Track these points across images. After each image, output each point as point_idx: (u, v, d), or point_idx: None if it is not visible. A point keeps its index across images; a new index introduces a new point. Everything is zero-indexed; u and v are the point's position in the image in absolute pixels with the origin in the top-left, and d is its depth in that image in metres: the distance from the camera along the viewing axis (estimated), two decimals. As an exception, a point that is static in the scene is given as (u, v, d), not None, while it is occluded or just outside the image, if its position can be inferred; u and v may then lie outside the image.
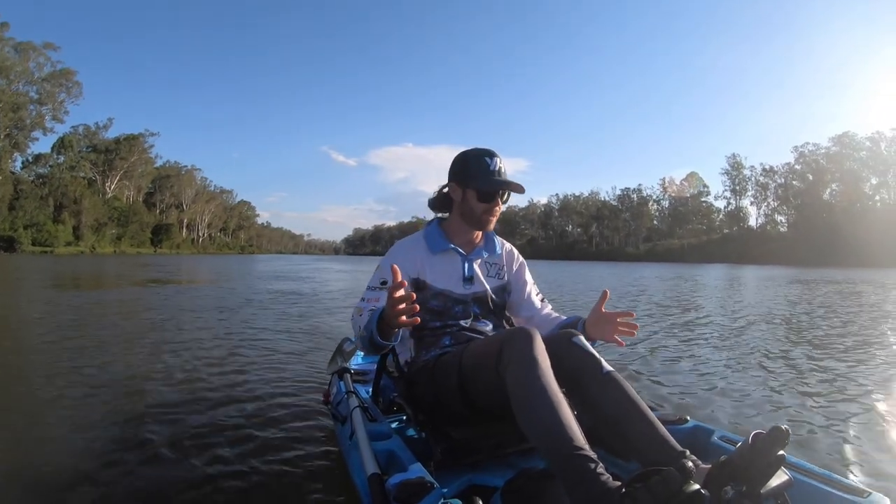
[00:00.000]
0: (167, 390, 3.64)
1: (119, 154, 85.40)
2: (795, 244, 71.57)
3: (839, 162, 78.33)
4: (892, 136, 75.23)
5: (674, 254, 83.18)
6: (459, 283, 2.03)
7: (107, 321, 7.28)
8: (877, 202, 75.80)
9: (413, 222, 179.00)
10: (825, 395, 3.76)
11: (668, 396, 3.71)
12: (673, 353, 5.39)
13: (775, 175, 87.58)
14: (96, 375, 4.06)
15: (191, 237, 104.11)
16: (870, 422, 3.16)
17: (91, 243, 71.65)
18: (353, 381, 2.39)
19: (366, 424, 1.80)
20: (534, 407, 1.43)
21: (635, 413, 1.54)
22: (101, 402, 3.36)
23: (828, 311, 9.42)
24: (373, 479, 1.44)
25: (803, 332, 6.85)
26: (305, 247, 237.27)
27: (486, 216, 2.00)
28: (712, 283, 20.59)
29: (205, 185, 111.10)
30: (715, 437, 1.73)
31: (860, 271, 33.09)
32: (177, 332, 6.29)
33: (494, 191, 1.96)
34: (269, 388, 3.70)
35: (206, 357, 4.74)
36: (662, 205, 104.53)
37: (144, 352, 5.02)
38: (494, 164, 1.95)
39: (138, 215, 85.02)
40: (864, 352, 5.42)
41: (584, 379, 1.62)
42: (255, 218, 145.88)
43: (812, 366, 4.72)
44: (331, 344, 4.88)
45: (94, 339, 5.60)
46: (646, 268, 41.39)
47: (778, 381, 4.14)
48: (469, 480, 1.74)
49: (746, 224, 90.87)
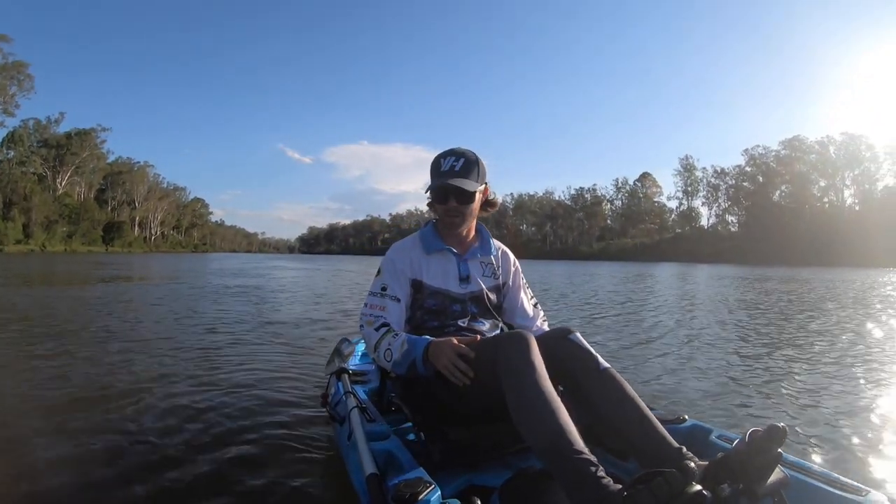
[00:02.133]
0: (159, 394, 3.54)
1: (70, 149, 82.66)
2: (746, 244, 72.97)
3: (789, 164, 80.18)
4: (840, 140, 77.42)
5: (626, 253, 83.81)
6: (456, 282, 2.05)
7: (87, 319, 7.11)
8: (825, 204, 77.87)
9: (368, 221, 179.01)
10: (801, 389, 3.89)
11: (664, 395, 3.75)
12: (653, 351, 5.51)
13: (726, 177, 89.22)
14: (89, 380, 3.94)
15: (143, 235, 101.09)
16: (861, 418, 3.26)
17: (42, 241, 69.01)
18: (352, 381, 2.38)
19: (364, 425, 1.80)
20: (531, 411, 1.44)
21: (632, 410, 1.55)
22: (98, 405, 3.28)
23: (790, 309, 9.69)
24: (371, 479, 1.45)
25: (764, 329, 7.03)
26: (260, 245, 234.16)
27: (446, 217, 2.02)
28: (666, 280, 21.20)
29: (157, 181, 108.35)
30: (713, 437, 1.74)
31: (808, 270, 34.06)
32: (148, 332, 6.20)
33: (443, 190, 1.96)
34: (266, 389, 3.68)
35: (196, 358, 4.70)
36: (616, 204, 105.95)
37: (132, 354, 4.83)
38: (446, 164, 1.96)
39: (90, 213, 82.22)
40: (829, 344, 5.66)
41: (581, 376, 1.63)
42: (208, 216, 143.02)
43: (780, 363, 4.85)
44: (322, 344, 5.29)
45: (83, 342, 5.43)
46: (600, 266, 42.41)
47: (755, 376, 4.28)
48: (467, 481, 1.75)
49: (698, 224, 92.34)
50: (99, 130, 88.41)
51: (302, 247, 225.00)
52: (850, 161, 75.25)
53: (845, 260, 51.84)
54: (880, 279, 22.36)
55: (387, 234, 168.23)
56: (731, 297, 12.51)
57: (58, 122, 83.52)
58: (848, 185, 76.83)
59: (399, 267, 2.00)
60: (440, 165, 1.96)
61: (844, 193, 77.30)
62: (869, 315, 8.82)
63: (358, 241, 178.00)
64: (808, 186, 78.38)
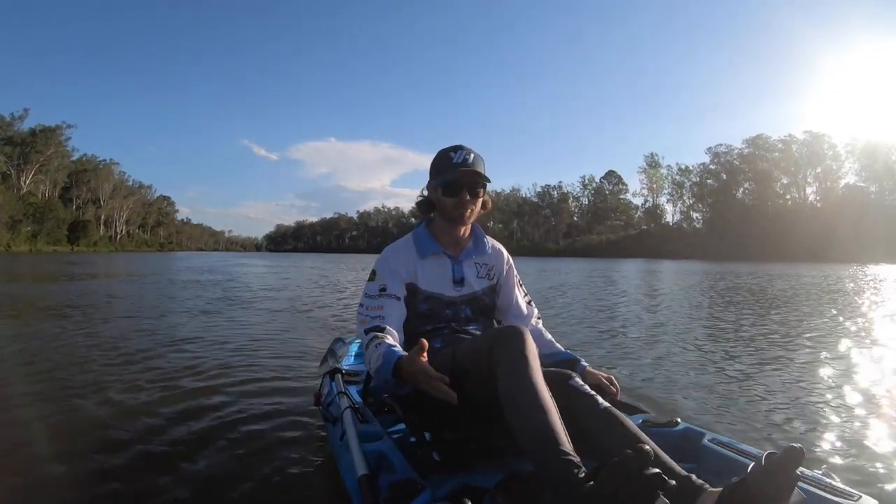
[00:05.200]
0: (152, 393, 3.52)
1: (35, 147, 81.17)
2: (710, 240, 74.07)
3: (752, 162, 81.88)
4: (803, 139, 79.40)
5: (592, 249, 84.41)
6: (450, 285, 2.04)
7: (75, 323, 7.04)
8: (787, 201, 79.59)
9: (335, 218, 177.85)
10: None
11: (656, 398, 3.72)
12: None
13: (691, 174, 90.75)
14: (81, 380, 3.88)
15: (108, 234, 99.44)
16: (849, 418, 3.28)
17: (6, 241, 67.32)
18: (345, 381, 2.37)
19: (356, 425, 1.81)
20: (522, 406, 1.45)
21: (633, 445, 1.52)
22: (93, 406, 3.24)
23: (747, 300, 9.98)
24: (363, 480, 1.45)
25: (727, 325, 7.19)
26: (227, 244, 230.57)
27: (456, 211, 1.96)
28: (632, 276, 21.81)
29: (123, 179, 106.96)
30: (706, 440, 1.74)
31: (770, 265, 35.02)
32: (129, 332, 6.10)
33: (457, 183, 1.93)
34: (259, 388, 3.66)
35: (183, 357, 4.66)
36: (582, 202, 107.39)
37: (125, 355, 4.76)
38: (459, 157, 1.93)
39: (54, 212, 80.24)
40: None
41: (581, 418, 1.61)
42: (174, 214, 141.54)
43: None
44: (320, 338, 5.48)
45: (72, 347, 5.26)
46: (569, 262, 42.84)
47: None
48: (459, 482, 1.70)
49: (663, 221, 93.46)
50: (64, 128, 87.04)
51: (269, 245, 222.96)
52: (812, 159, 77.03)
53: (808, 255, 52.68)
54: (841, 273, 23.23)
55: (354, 231, 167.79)
56: (697, 291, 12.86)
57: (22, 119, 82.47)
58: (810, 182, 78.86)
59: (395, 268, 1.97)
60: (451, 158, 1.93)
61: (807, 191, 79.30)
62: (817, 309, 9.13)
63: (325, 238, 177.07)
64: (770, 184, 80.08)
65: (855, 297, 11.51)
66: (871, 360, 4.92)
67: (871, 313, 8.60)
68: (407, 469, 1.50)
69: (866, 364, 4.71)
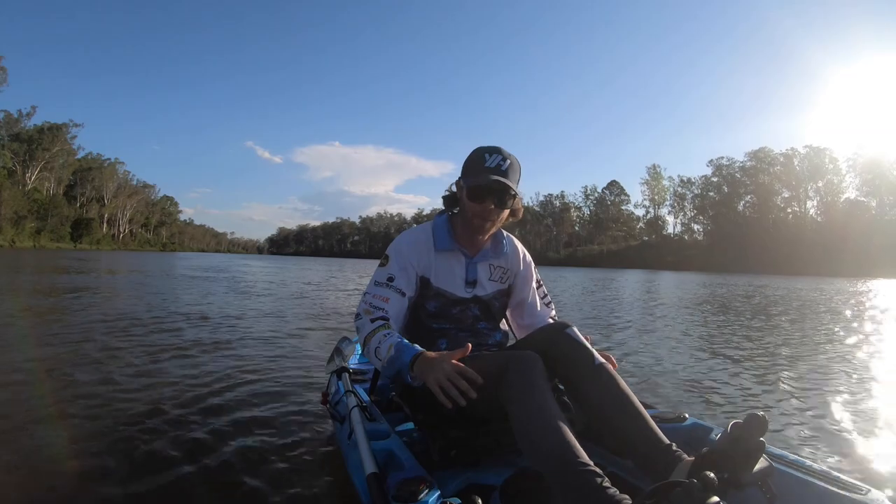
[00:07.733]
0: (159, 391, 3.48)
1: (42, 144, 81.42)
2: (710, 252, 74.24)
3: (754, 175, 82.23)
4: (805, 153, 79.51)
5: (594, 259, 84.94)
6: (461, 285, 1.97)
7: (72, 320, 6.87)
8: (789, 214, 79.78)
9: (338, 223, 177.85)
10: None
11: (664, 394, 3.83)
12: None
13: (693, 186, 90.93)
14: (84, 379, 3.78)
15: (111, 233, 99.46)
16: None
17: (10, 237, 67.36)
18: (352, 380, 2.34)
19: (364, 424, 1.77)
20: (536, 430, 1.41)
21: (624, 405, 1.55)
22: (93, 406, 3.16)
23: (746, 313, 9.72)
24: (371, 478, 1.43)
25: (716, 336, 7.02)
26: (228, 245, 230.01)
27: (476, 219, 1.86)
28: (633, 286, 21.16)
29: (127, 179, 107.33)
30: (713, 435, 1.73)
31: (771, 278, 35.24)
32: (154, 332, 5.97)
33: (483, 189, 1.80)
34: (267, 388, 3.64)
35: (191, 355, 4.65)
36: (584, 212, 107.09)
37: (131, 351, 4.76)
38: (493, 161, 1.80)
39: (58, 209, 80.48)
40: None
41: (576, 370, 1.63)
42: (177, 214, 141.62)
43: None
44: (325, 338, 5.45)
45: (71, 343, 5.18)
46: (570, 272, 42.52)
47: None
48: (468, 479, 1.73)
49: (664, 232, 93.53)
50: (71, 126, 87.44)
51: (271, 248, 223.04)
52: (814, 173, 77.26)
53: (808, 269, 52.63)
54: (849, 288, 22.90)
55: (356, 236, 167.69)
56: (699, 300, 12.72)
57: (29, 116, 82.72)
58: (811, 196, 79.00)
59: (409, 260, 1.89)
60: (484, 160, 1.80)
61: (808, 205, 79.40)
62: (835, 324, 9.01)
63: (327, 242, 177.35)
64: (772, 197, 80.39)
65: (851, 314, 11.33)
66: (871, 363, 5.12)
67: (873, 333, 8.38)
68: (415, 467, 1.48)
69: (866, 364, 5.03)
